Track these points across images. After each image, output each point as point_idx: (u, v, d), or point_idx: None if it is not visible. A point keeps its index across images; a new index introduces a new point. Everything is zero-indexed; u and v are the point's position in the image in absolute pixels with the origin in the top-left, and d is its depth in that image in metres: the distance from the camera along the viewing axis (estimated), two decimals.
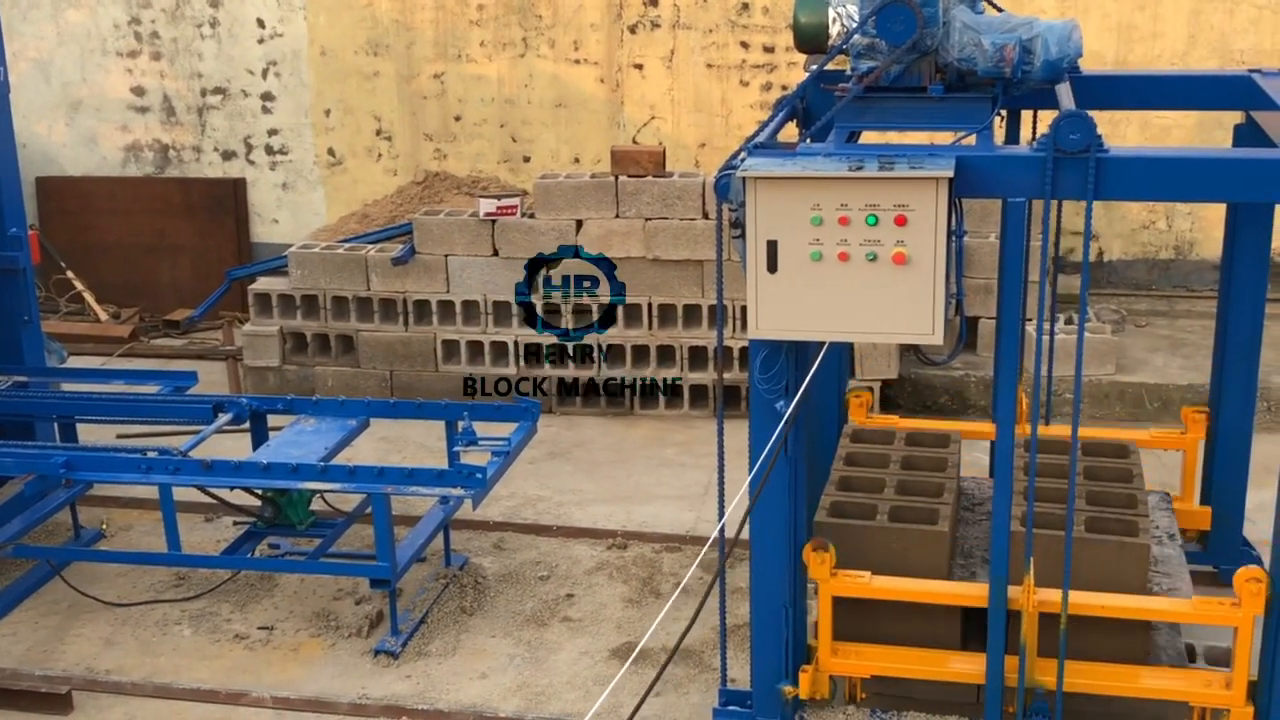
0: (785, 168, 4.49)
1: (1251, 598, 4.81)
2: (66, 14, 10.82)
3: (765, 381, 4.78)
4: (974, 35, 4.85)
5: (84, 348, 9.85)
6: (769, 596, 5.05)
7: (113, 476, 6.26)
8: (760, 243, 4.52)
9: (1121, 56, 9.45)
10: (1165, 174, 4.50)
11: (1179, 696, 5.12)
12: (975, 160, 4.51)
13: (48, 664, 6.08)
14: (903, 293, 4.49)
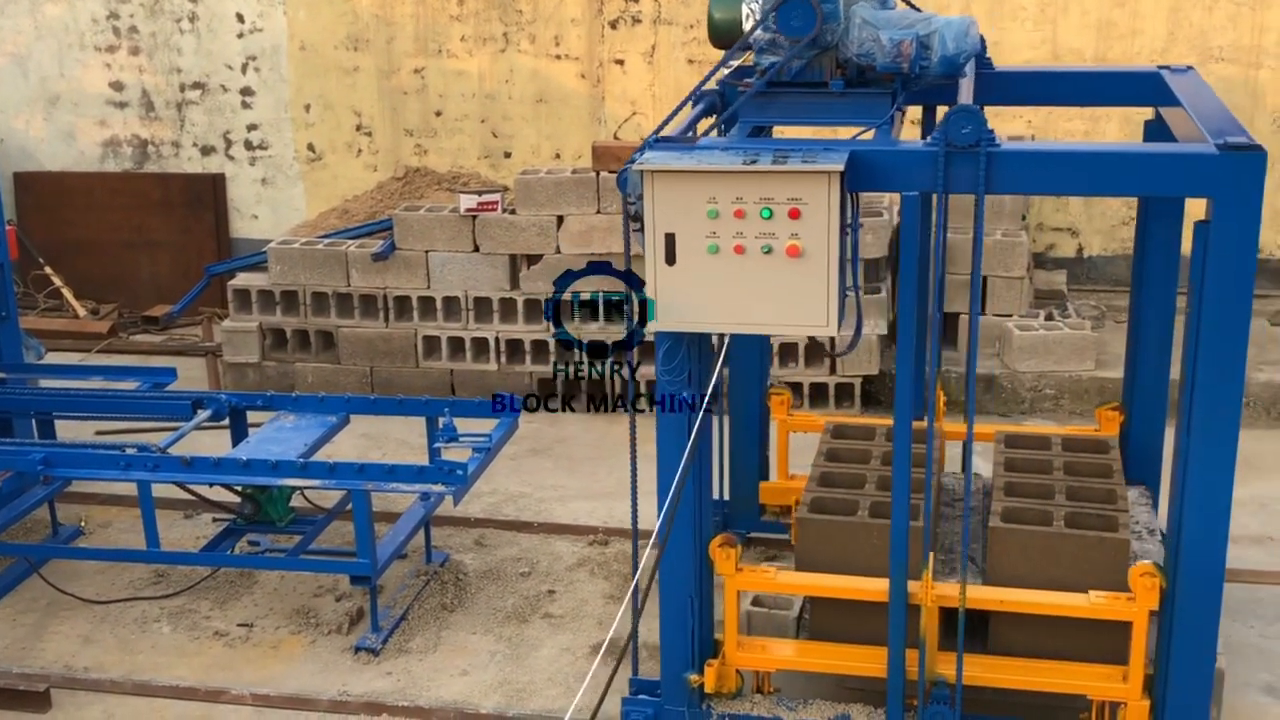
0: (682, 161, 4.55)
1: (1145, 593, 4.86)
2: (44, 8, 10.76)
3: (667, 374, 4.84)
4: (873, 31, 4.91)
5: (62, 344, 9.80)
6: (676, 588, 5.11)
7: (91, 473, 6.23)
8: (658, 235, 4.59)
9: (1100, 53, 9.47)
10: (1054, 168, 4.59)
11: (1076, 690, 5.17)
12: (870, 155, 4.58)
13: (26, 661, 6.05)
14: (798, 285, 4.57)
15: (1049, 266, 9.76)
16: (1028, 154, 4.62)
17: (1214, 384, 4.51)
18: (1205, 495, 4.59)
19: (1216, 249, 4.40)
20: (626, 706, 5.33)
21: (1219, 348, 4.48)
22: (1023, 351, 8.38)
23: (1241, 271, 4.41)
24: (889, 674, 5.04)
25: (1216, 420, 4.53)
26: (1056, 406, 8.36)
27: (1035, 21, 9.49)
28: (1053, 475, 5.68)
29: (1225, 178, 4.36)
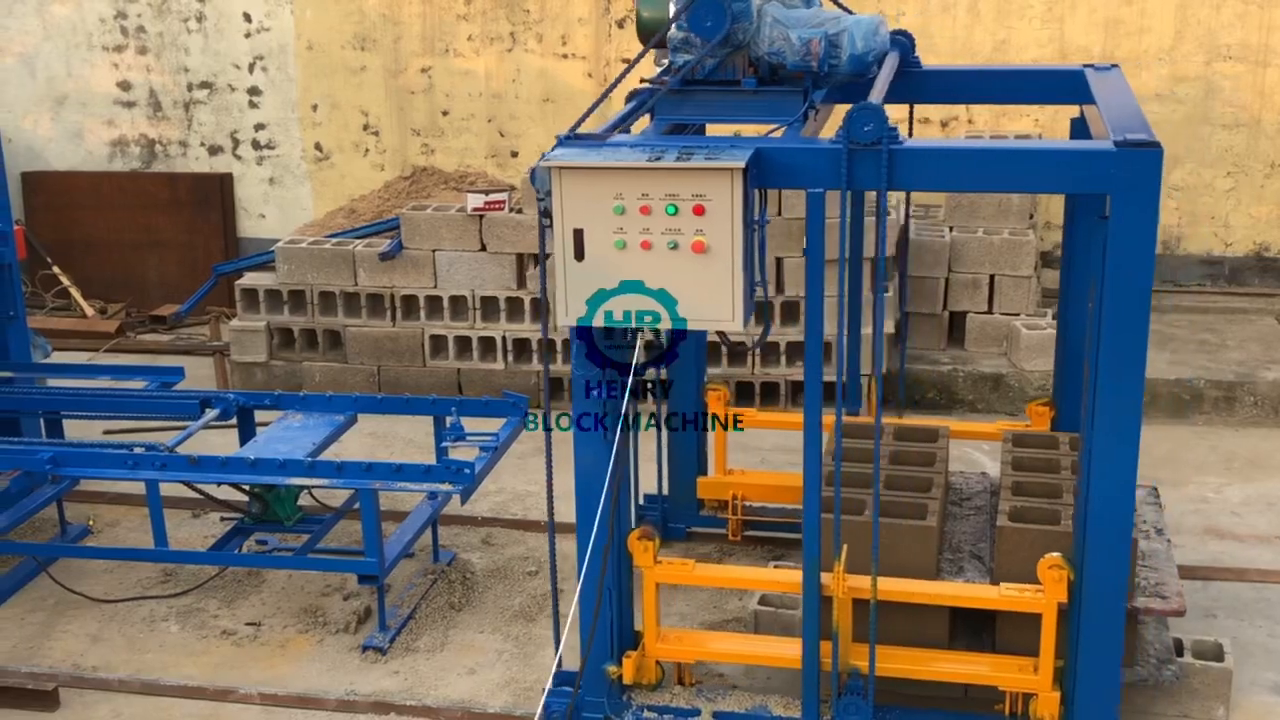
0: (588, 158, 4.61)
1: (1054, 585, 4.90)
2: (52, 8, 10.77)
3: (582, 368, 4.90)
4: (783, 30, 4.97)
5: (70, 343, 9.83)
6: (594, 579, 5.15)
7: (99, 472, 6.24)
8: (567, 231, 4.64)
9: (1108, 51, 9.46)
10: (955, 165, 4.66)
11: (988, 681, 5.22)
12: (775, 152, 4.65)
13: (34, 660, 6.06)
14: (704, 280, 4.62)
15: (1057, 265, 9.74)
16: (929, 151, 4.70)
17: (1115, 379, 4.56)
18: (1109, 488, 4.63)
19: (1115, 245, 4.45)
20: (548, 698, 5.38)
21: (1120, 342, 4.53)
22: (1030, 350, 8.37)
23: (1140, 266, 4.47)
24: (804, 665, 5.10)
25: (1119, 414, 4.58)
26: None
27: (1043, 20, 9.48)
28: (1060, 474, 5.68)
29: (1123, 174, 4.41)
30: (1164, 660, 5.36)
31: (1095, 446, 4.61)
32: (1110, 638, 4.79)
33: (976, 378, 8.45)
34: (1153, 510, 5.94)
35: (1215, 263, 9.82)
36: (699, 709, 5.28)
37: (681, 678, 5.45)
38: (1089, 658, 4.82)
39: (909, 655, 5.32)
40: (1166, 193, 9.64)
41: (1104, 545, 4.68)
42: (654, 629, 5.32)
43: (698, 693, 5.39)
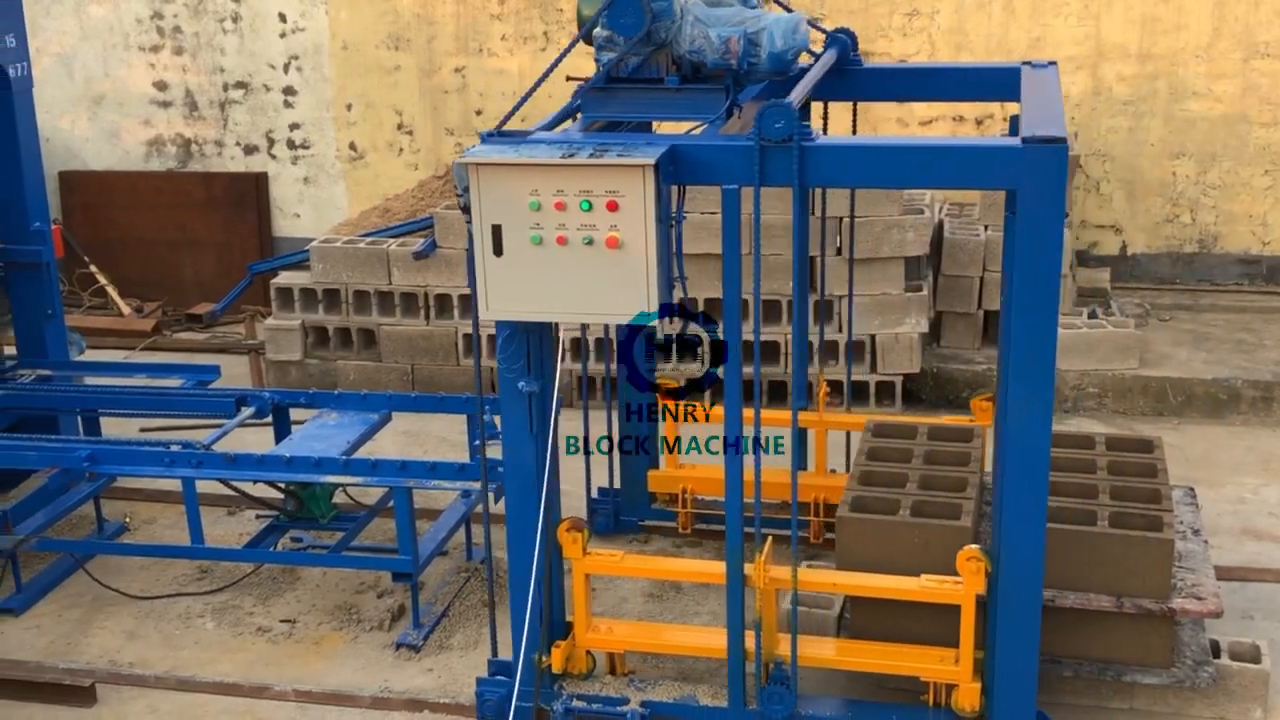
0: (504, 154, 4.69)
1: (972, 576, 4.93)
2: (89, 9, 10.85)
3: (505, 362, 4.99)
4: (703, 29, 5.03)
5: (107, 342, 9.90)
6: (524, 571, 5.21)
7: (136, 470, 6.29)
8: (485, 227, 4.72)
9: (1145, 49, 9.40)
10: (867, 162, 4.74)
11: (910, 671, 5.27)
12: (689, 149, 4.73)
13: (71, 656, 6.11)
14: (619, 276, 4.70)
15: (1092, 264, 9.69)
16: (840, 148, 4.76)
17: (1026, 372, 4.59)
18: (1023, 480, 4.66)
19: (1022, 240, 4.51)
20: (481, 687, 5.47)
21: (1029, 335, 4.57)
22: (1065, 350, 8.32)
23: (1046, 261, 4.51)
24: (729, 655, 5.17)
25: (1030, 406, 4.60)
26: (1100, 405, 8.30)
27: (1079, 17, 9.43)
28: (1096, 474, 5.65)
29: (1028, 170, 4.46)
30: (1200, 662, 5.33)
31: (1008, 438, 4.67)
32: (1027, 628, 4.84)
33: None
34: (1189, 511, 5.91)
35: (1253, 262, 9.74)
36: (628, 698, 5.36)
37: (614, 668, 5.53)
38: (1006, 648, 4.87)
39: (832, 645, 5.44)
40: (1203, 191, 9.58)
41: (1018, 536, 4.74)
42: (584, 620, 5.40)
43: (628, 682, 5.47)
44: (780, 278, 8.30)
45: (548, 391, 5.08)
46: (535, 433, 5.07)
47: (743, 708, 5.21)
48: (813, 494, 6.53)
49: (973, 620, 4.99)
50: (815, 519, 6.60)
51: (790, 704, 5.13)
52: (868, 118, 9.72)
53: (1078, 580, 5.20)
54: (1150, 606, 5.17)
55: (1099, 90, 9.52)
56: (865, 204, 8.11)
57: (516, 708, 5.31)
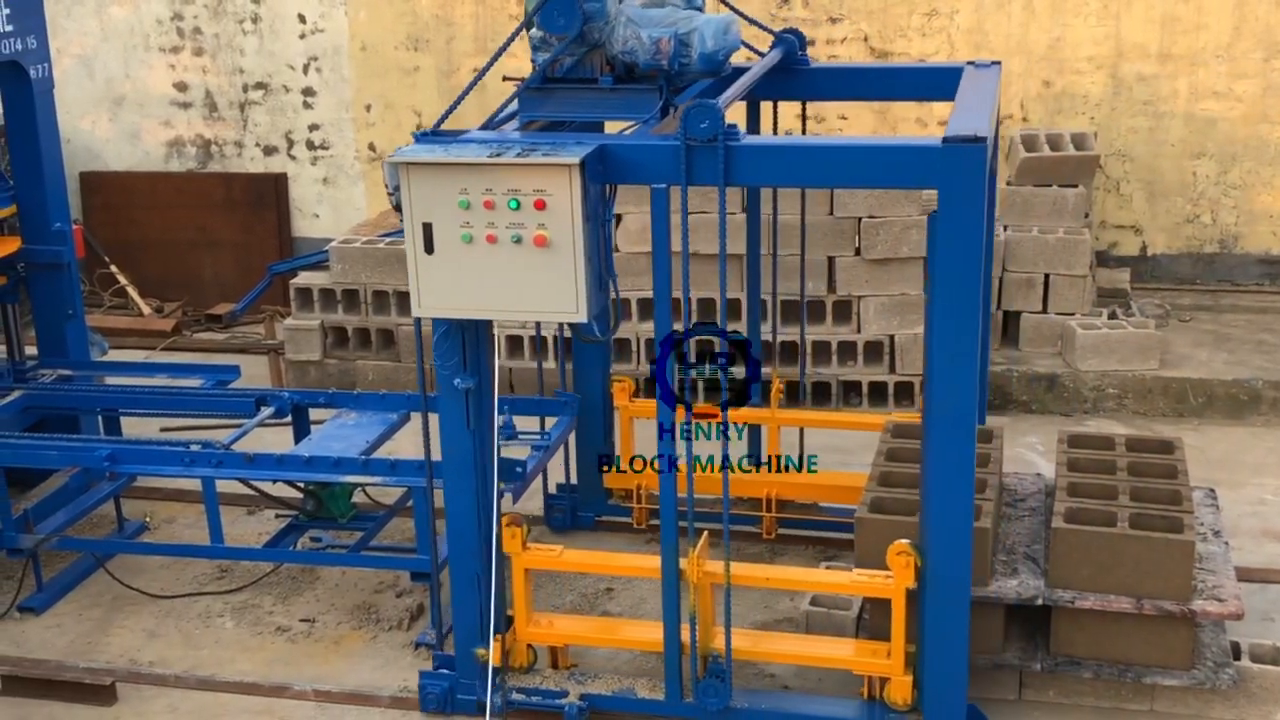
0: (434, 154, 4.77)
1: (902, 570, 4.98)
2: (110, 10, 10.89)
3: (440, 358, 5.08)
4: (635, 29, 5.13)
5: (127, 342, 9.93)
6: (463, 565, 5.32)
7: (156, 469, 6.32)
8: (416, 225, 4.82)
9: (1165, 48, 9.37)
10: (791, 161, 4.82)
11: (842, 665, 5.37)
12: (618, 148, 4.83)
13: (92, 655, 6.13)
14: (547, 274, 4.79)
15: (1112, 264, 9.66)
16: (764, 148, 4.84)
17: (949, 369, 4.67)
18: (948, 476, 4.75)
19: (943, 238, 4.57)
20: (424, 679, 5.55)
21: (951, 334, 4.64)
22: (1085, 350, 8.30)
23: (968, 259, 4.58)
24: (666, 649, 5.26)
25: (953, 403, 4.69)
26: (1120, 406, 8.27)
27: (1099, 17, 9.40)
28: (1116, 476, 5.63)
29: (948, 169, 4.53)
30: (1221, 664, 5.31)
31: (933, 435, 4.74)
32: (955, 623, 4.90)
33: (1031, 378, 8.39)
34: (1210, 512, 5.88)
35: (1274, 262, 9.70)
36: (567, 690, 5.44)
37: (555, 661, 5.59)
38: (935, 642, 4.94)
39: (766, 638, 5.53)
40: (1224, 191, 9.54)
41: (946, 531, 4.80)
42: (524, 614, 5.46)
43: (568, 676, 5.54)
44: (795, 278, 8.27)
45: (484, 387, 5.18)
46: (472, 428, 5.16)
47: (679, 701, 5.30)
48: (765, 489, 6.64)
49: (903, 614, 5.07)
50: (767, 514, 6.69)
51: (725, 697, 5.23)
52: (886, 119, 9.72)
53: (1098, 582, 5.19)
54: (1171, 608, 5.15)
55: (1119, 90, 9.49)
56: (884, 204, 8.11)
57: (457, 700, 5.46)
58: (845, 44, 9.71)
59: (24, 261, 7.11)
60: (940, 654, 4.95)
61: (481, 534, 5.31)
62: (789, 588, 5.66)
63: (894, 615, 5.08)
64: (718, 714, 5.25)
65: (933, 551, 4.87)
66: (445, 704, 5.52)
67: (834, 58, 9.74)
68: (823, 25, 9.74)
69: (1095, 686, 5.41)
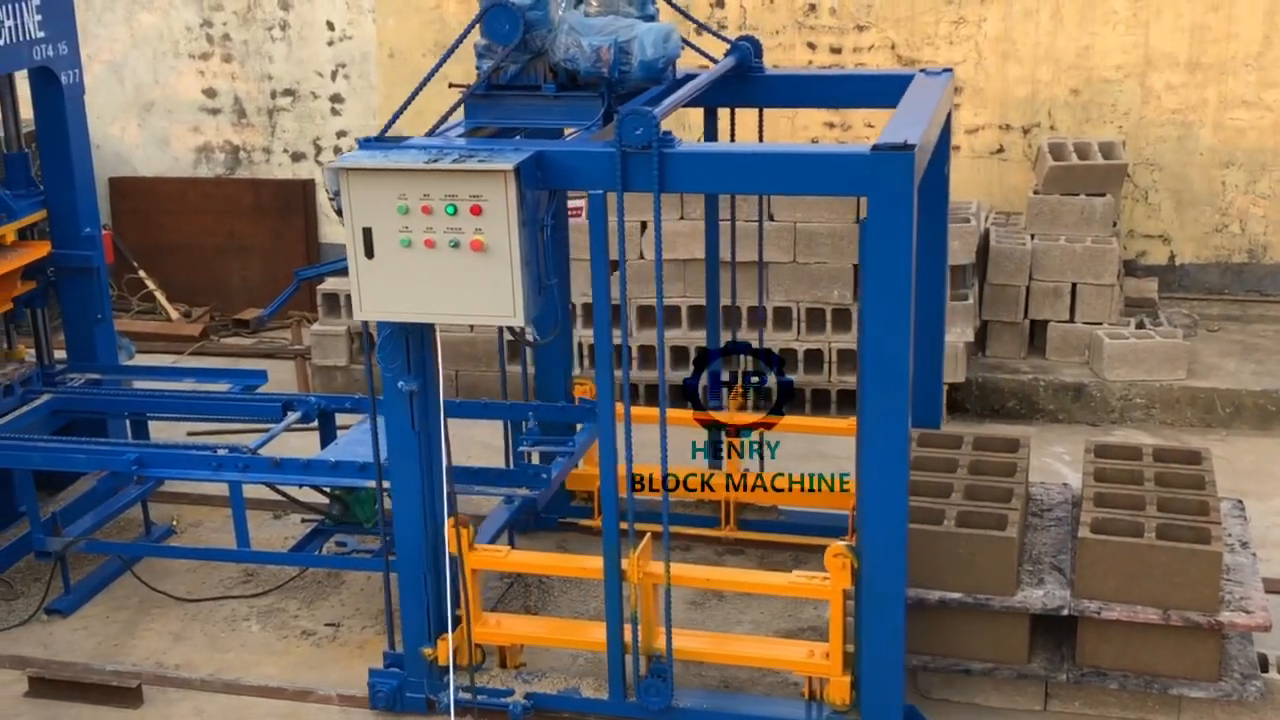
0: (374, 159, 4.87)
1: (839, 572, 5.02)
2: (139, 16, 10.96)
3: (384, 361, 5.15)
4: (576, 37, 5.20)
5: (155, 346, 9.97)
6: (411, 565, 5.40)
7: (183, 473, 6.35)
8: (357, 230, 4.90)
9: (1194, 57, 9.32)
10: (725, 168, 4.93)
11: (782, 665, 5.48)
12: (555, 155, 4.91)
13: (118, 658, 6.16)
14: (485, 278, 4.86)
15: (1140, 274, 9.62)
16: (698, 155, 4.92)
17: (880, 374, 4.74)
18: (881, 479, 4.83)
19: (872, 245, 4.65)
20: (373, 678, 5.62)
21: (882, 340, 4.72)
22: (1113, 360, 8.27)
23: (897, 265, 4.65)
24: (609, 649, 5.34)
25: (886, 407, 4.75)
26: (1147, 416, 8.24)
27: (1127, 25, 9.36)
28: (1144, 486, 5.60)
29: (876, 176, 4.60)
30: (1248, 675, 5.28)
31: (866, 439, 4.80)
32: (891, 624, 4.96)
33: (1057, 387, 8.36)
34: (1238, 524, 5.85)
35: None
36: (513, 689, 5.50)
37: (504, 660, 5.65)
38: (872, 643, 5.00)
39: (708, 638, 5.64)
40: (1253, 200, 9.49)
41: (880, 534, 4.86)
42: (474, 613, 5.51)
43: (515, 675, 5.61)
44: (825, 285, 8.28)
45: (429, 389, 5.24)
46: (417, 429, 5.24)
47: (623, 700, 5.37)
48: (724, 493, 6.68)
49: (840, 615, 5.12)
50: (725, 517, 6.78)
51: (666, 696, 5.29)
52: None
53: (1124, 592, 5.17)
54: (1198, 619, 5.13)
55: (1147, 99, 9.45)
56: None
57: (406, 698, 5.55)
58: (872, 52, 9.70)
59: (54, 266, 7.15)
60: (877, 655, 5.03)
61: (428, 534, 5.42)
62: (728, 589, 5.80)
63: (832, 617, 5.16)
64: (660, 713, 5.34)
65: (867, 554, 4.94)
66: (394, 702, 5.62)
67: (861, 65, 9.73)
68: (850, 33, 9.73)
69: (1121, 698, 5.39)
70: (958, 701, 5.55)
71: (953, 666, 5.44)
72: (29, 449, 6.47)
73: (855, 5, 9.64)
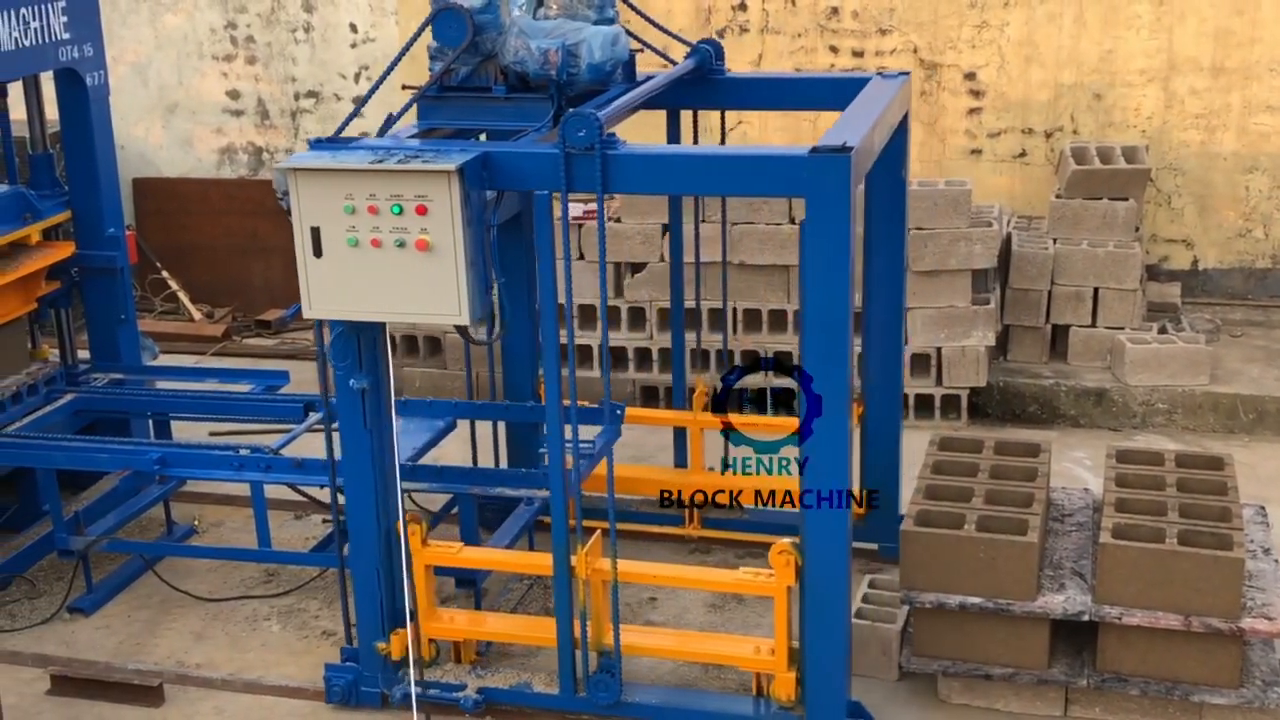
0: (321, 160, 4.95)
1: (783, 569, 5.11)
2: (164, 18, 11.01)
3: (335, 359, 5.25)
4: (525, 40, 5.28)
5: (178, 346, 10.01)
6: (364, 561, 5.47)
7: (205, 473, 6.38)
8: (305, 229, 4.99)
9: (1218, 62, 9.29)
10: (666, 170, 5.04)
11: (728, 661, 5.56)
12: (501, 156, 5.00)
13: (140, 657, 6.19)
14: (430, 277, 4.93)
15: (1162, 279, 9.58)
16: (640, 157, 4.98)
17: (820, 373, 4.82)
18: (823, 478, 4.91)
19: (810, 246, 4.73)
20: (329, 672, 5.71)
21: (822, 339, 4.80)
22: (1135, 365, 8.24)
23: (836, 265, 4.71)
24: (559, 644, 5.40)
25: (828, 405, 4.81)
26: (1169, 421, 8.21)
27: (1151, 30, 9.33)
28: (1165, 492, 5.59)
29: (814, 178, 4.68)
30: (1270, 682, 5.26)
31: (807, 441, 4.87)
32: (834, 620, 5.03)
33: (1079, 392, 8.33)
34: (1260, 530, 5.83)
35: None
36: (465, 684, 5.57)
37: (459, 655, 5.73)
38: (815, 640, 5.06)
39: (657, 634, 5.75)
40: (1277, 205, 9.45)
41: (822, 530, 4.92)
42: (425, 609, 5.58)
43: (469, 669, 5.69)
44: None
45: (380, 387, 5.32)
46: (369, 427, 5.31)
47: (573, 695, 5.45)
48: (688, 491, 6.77)
49: (785, 612, 5.18)
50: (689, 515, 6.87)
51: (615, 691, 5.37)
52: (935, 130, 9.69)
53: (1146, 598, 5.15)
54: (1219, 626, 5.11)
55: (1171, 104, 9.42)
56: (933, 216, 8.09)
57: (361, 693, 5.64)
58: (895, 55, 9.69)
59: (78, 266, 7.18)
60: (821, 651, 5.09)
61: (381, 530, 5.48)
62: (675, 585, 5.93)
63: (776, 613, 5.22)
64: (608, 708, 5.41)
65: (810, 551, 5.00)
66: (349, 696, 5.69)
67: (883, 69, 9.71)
68: (872, 37, 9.72)
69: (1142, 704, 5.37)
70: (977, 707, 5.54)
71: (972, 671, 5.43)
72: (53, 448, 6.51)
73: (878, 9, 9.63)
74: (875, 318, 6.40)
